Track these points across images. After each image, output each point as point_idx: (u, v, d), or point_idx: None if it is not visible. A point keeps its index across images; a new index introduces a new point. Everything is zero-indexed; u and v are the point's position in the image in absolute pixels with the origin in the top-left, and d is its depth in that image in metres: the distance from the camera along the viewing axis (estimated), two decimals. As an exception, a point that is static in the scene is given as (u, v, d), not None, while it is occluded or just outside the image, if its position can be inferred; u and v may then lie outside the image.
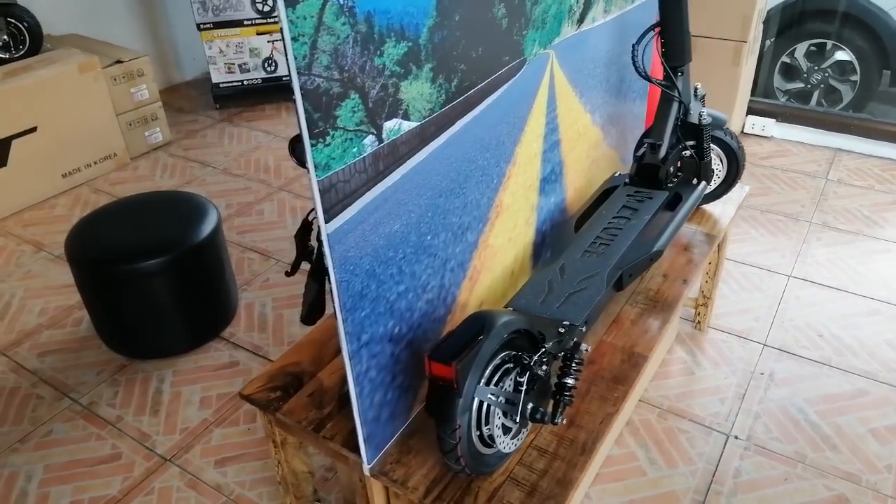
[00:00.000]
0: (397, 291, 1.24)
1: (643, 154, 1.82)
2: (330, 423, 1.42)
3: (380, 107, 1.06)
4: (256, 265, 2.84)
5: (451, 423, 1.15)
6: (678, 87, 1.78)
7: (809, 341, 2.37)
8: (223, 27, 4.04)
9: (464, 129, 1.30)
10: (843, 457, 1.97)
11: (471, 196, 1.39)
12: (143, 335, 2.34)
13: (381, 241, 1.16)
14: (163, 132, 3.82)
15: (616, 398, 1.46)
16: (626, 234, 1.61)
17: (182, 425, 2.14)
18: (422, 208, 1.24)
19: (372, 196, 1.10)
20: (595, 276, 1.49)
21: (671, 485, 1.91)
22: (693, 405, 2.15)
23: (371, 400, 1.26)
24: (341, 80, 0.97)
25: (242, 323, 2.53)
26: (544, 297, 1.45)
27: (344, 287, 1.10)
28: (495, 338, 1.18)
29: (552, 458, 1.34)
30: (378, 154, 1.09)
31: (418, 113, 1.16)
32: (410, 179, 1.19)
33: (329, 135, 0.98)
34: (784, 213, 3.07)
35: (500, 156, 1.46)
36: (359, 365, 1.20)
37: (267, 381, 1.53)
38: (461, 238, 1.41)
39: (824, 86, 4.15)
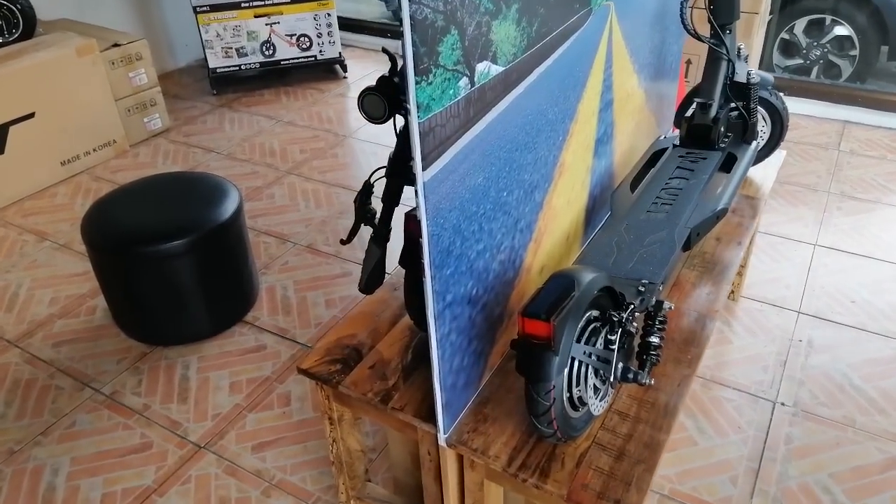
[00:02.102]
0: (476, 250, 1.18)
1: (693, 114, 1.77)
2: (397, 394, 1.35)
3: (474, 46, 1.00)
4: (273, 249, 2.75)
5: (546, 384, 1.09)
6: (727, 46, 1.74)
7: (843, 307, 2.36)
8: (220, 10, 3.93)
9: (539, 79, 1.24)
10: (892, 419, 1.95)
11: (541, 152, 1.34)
12: (165, 321, 2.25)
13: (467, 194, 1.09)
14: (162, 118, 3.70)
15: (690, 360, 1.41)
16: (688, 194, 1.57)
17: (214, 411, 2.05)
18: (501, 161, 1.18)
19: (462, 144, 1.04)
20: (664, 235, 1.44)
21: (724, 453, 1.87)
22: (736, 374, 2.12)
23: (450, 365, 1.20)
24: (445, 13, 0.90)
25: (265, 307, 2.45)
26: (614, 258, 1.40)
27: (434, 241, 1.04)
28: (587, 294, 1.12)
29: (635, 422, 1.29)
30: (470, 98, 1.02)
31: (504, 57, 1.09)
32: (494, 129, 1.12)
33: (431, 72, 0.91)
34: (802, 184, 3.06)
35: (565, 111, 1.40)
36: (443, 326, 1.14)
37: (324, 355, 1.45)
38: (530, 197, 1.35)
39: (823, 61, 4.15)
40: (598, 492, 1.16)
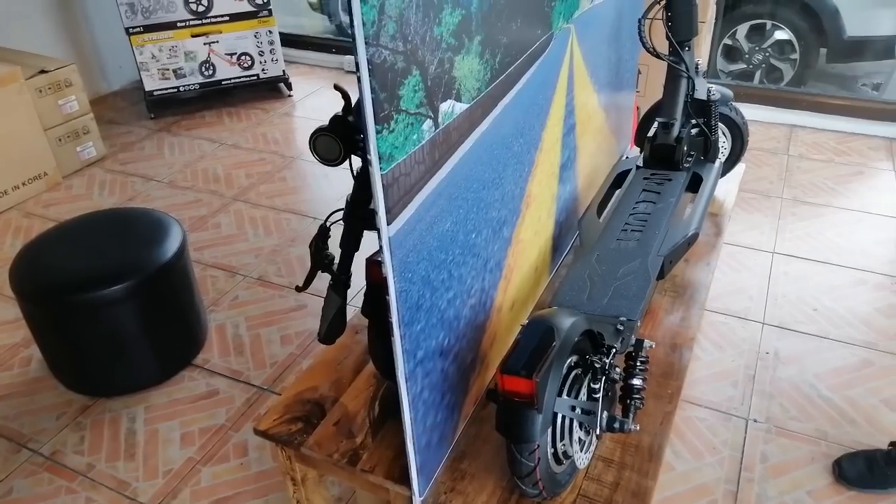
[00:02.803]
0: (447, 299, 1.10)
1: (655, 134, 1.73)
2: (366, 454, 1.25)
3: (437, 86, 0.92)
4: (222, 283, 2.61)
5: (529, 444, 1.01)
6: (686, 63, 1.70)
7: (805, 316, 2.36)
8: (154, 30, 3.75)
9: (504, 111, 1.17)
10: (863, 430, 1.94)
11: (507, 187, 1.26)
12: (107, 370, 2.09)
13: (434, 242, 1.01)
14: (96, 147, 3.50)
15: (671, 395, 1.36)
16: (657, 219, 1.52)
17: (165, 467, 1.91)
18: (469, 203, 1.10)
19: (429, 191, 0.95)
20: (637, 265, 1.39)
21: (701, 477, 1.83)
22: (706, 391, 2.08)
23: (424, 424, 1.11)
24: (405, 53, 0.82)
25: (216, 347, 2.31)
26: (588, 293, 1.33)
27: (403, 298, 0.95)
28: (567, 342, 1.05)
29: (620, 468, 1.22)
30: (435, 141, 0.94)
31: (469, 93, 1.01)
32: (460, 170, 1.04)
33: (393, 119, 0.82)
34: (755, 191, 3.08)
35: (531, 141, 1.33)
36: (414, 386, 1.05)
37: (284, 412, 1.34)
38: (499, 234, 1.27)
39: (765, 65, 4.23)
40: (588, 552, 1.08)
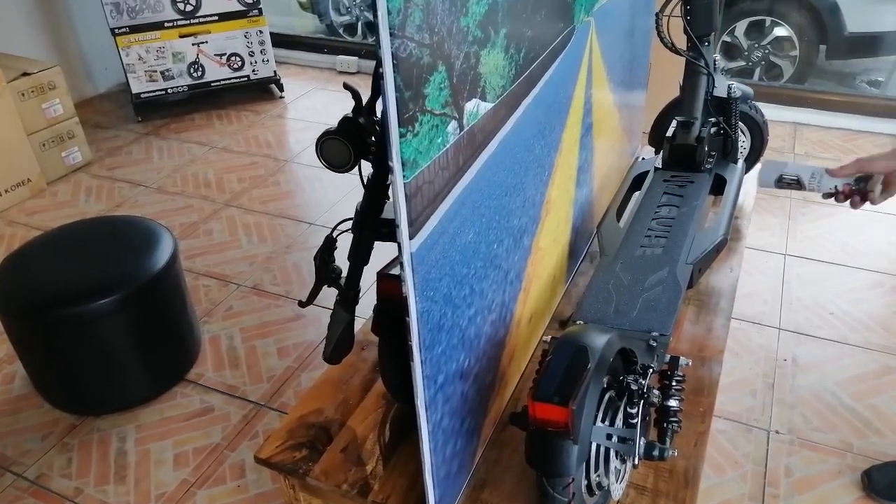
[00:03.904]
0: (468, 316, 1.00)
1: (674, 134, 1.64)
2: (377, 484, 1.16)
3: (462, 83, 0.82)
4: (215, 293, 2.50)
5: (563, 478, 0.92)
6: (706, 59, 1.62)
7: (822, 320, 2.28)
8: (141, 31, 3.63)
9: (526, 111, 1.07)
10: (889, 440, 1.86)
11: (529, 192, 1.17)
12: (95, 388, 1.98)
13: (457, 256, 0.91)
14: (82, 151, 3.38)
15: (703, 413, 1.27)
16: (682, 224, 1.43)
17: (157, 491, 1.80)
18: (491, 211, 1.01)
19: (452, 199, 0.86)
20: (665, 275, 1.30)
21: (724, 493, 1.75)
22: (725, 401, 2.00)
23: (444, 454, 1.02)
24: (431, 46, 0.72)
25: (210, 361, 2.20)
26: (615, 305, 1.24)
27: (425, 319, 0.85)
28: (603, 364, 0.95)
29: (654, 496, 1.13)
30: (459, 145, 0.84)
31: (493, 91, 0.92)
32: (483, 176, 0.95)
33: (418, 120, 0.73)
34: (762, 191, 3.00)
35: (551, 143, 1.24)
36: (434, 414, 0.95)
37: (287, 438, 1.24)
38: (519, 244, 1.18)
39: (765, 62, 4.17)
40: (627, 592, 0.99)
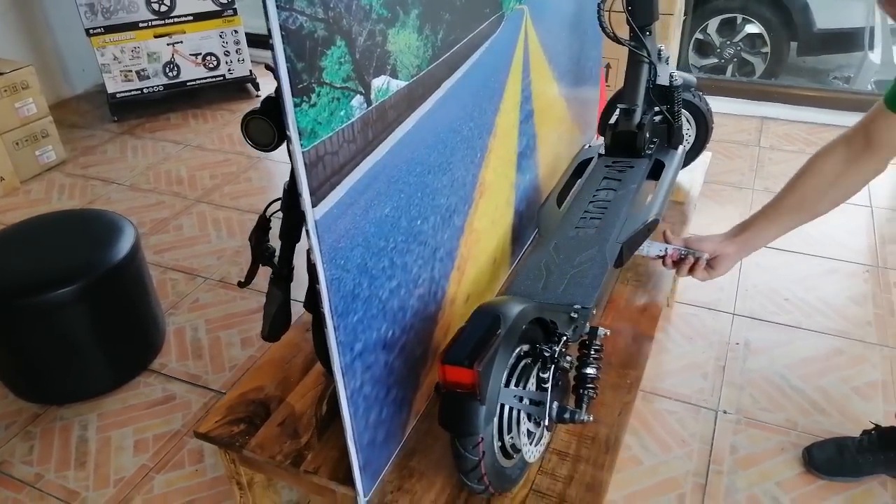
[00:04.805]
0: (389, 288, 1.05)
1: (617, 121, 1.69)
2: (310, 454, 1.20)
3: (367, 59, 0.87)
4: (182, 286, 2.54)
5: (473, 437, 0.96)
6: (647, 48, 1.67)
7: (777, 306, 2.34)
8: (116, 31, 3.66)
9: (449, 92, 1.12)
10: (834, 419, 1.91)
11: (457, 173, 1.21)
12: (58, 377, 2.01)
13: (372, 228, 0.96)
14: (56, 150, 3.41)
15: (630, 385, 1.32)
16: (617, 206, 1.48)
17: (116, 476, 1.83)
18: (412, 187, 1.05)
19: (361, 172, 0.90)
20: (594, 252, 1.34)
21: (669, 470, 1.79)
22: (676, 384, 2.05)
23: (366, 421, 1.06)
24: (326, 21, 0.77)
25: (173, 351, 2.24)
26: (544, 281, 1.29)
27: (335, 286, 0.89)
28: (514, 331, 1.00)
29: (575, 461, 1.17)
30: (367, 119, 0.89)
31: (406, 70, 0.96)
32: (400, 152, 0.99)
33: (314, 91, 0.77)
34: (727, 183, 3.06)
35: (482, 126, 1.28)
36: (353, 381, 0.99)
37: (226, 414, 1.28)
38: (449, 222, 1.22)
39: (737, 59, 4.23)
40: (541, 550, 1.03)
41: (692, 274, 1.36)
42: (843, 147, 1.26)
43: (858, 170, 1.25)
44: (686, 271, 1.37)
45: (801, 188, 1.31)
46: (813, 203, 1.30)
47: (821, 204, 1.30)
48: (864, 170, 1.25)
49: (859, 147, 1.23)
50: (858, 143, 1.23)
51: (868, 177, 1.26)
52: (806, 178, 1.30)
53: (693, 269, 1.36)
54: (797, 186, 1.31)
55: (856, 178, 1.26)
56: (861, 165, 1.24)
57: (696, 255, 1.35)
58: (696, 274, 1.36)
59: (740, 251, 1.37)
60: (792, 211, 1.33)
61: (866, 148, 1.22)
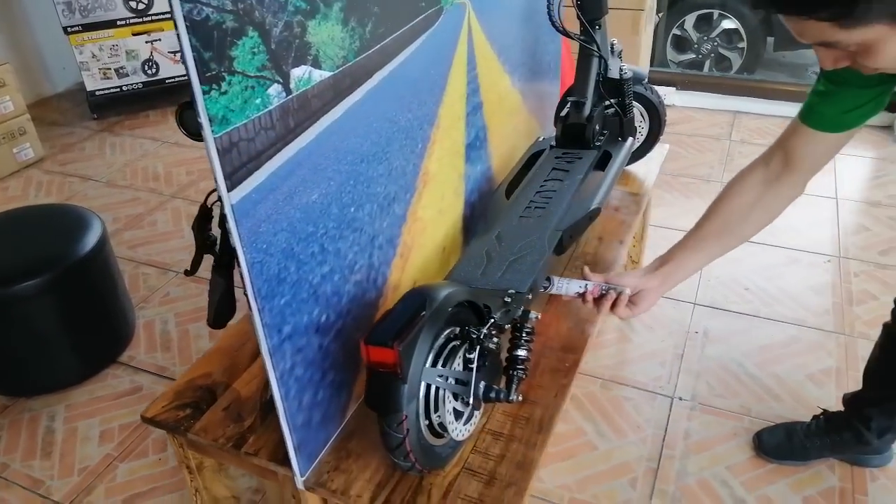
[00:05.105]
0: (321, 273, 1.08)
1: (567, 114, 1.72)
2: (252, 437, 1.23)
3: (284, 50, 0.90)
4: (153, 280, 2.57)
5: (396, 415, 1.00)
6: (597, 42, 1.70)
7: (737, 296, 2.38)
8: (94, 29, 3.68)
9: (382, 83, 1.15)
10: (787, 405, 1.95)
11: (395, 162, 1.24)
12: (26, 369, 2.04)
13: (297, 213, 0.99)
14: (34, 148, 3.43)
15: (568, 368, 1.35)
16: (561, 196, 1.51)
17: (81, 465, 1.86)
18: (342, 175, 1.08)
19: (283, 159, 0.93)
20: (534, 240, 1.38)
21: (623, 455, 1.83)
22: (634, 371, 2.09)
23: (299, 402, 1.09)
24: (236, 12, 0.80)
25: (142, 344, 2.27)
26: (484, 268, 1.32)
27: (257, 269, 0.93)
28: (439, 313, 1.03)
29: (508, 441, 1.21)
30: (287, 107, 0.92)
31: (330, 61, 1.00)
32: (327, 140, 1.02)
33: (225, 80, 0.80)
34: (695, 176, 3.10)
35: (422, 117, 1.32)
36: (282, 362, 1.02)
37: (173, 399, 1.32)
38: (388, 210, 1.25)
39: (714, 55, 4.27)
40: (467, 525, 1.07)
41: (614, 311, 1.28)
42: (761, 168, 1.22)
43: (778, 192, 1.21)
44: (608, 308, 1.28)
45: (721, 214, 1.25)
46: (735, 228, 1.25)
47: (743, 229, 1.25)
48: (783, 192, 1.21)
49: (778, 167, 1.19)
50: (777, 164, 1.20)
51: (789, 198, 1.22)
52: (726, 202, 1.25)
53: (615, 306, 1.27)
54: (718, 212, 1.26)
55: (776, 200, 1.22)
56: (780, 187, 1.20)
57: (617, 291, 1.27)
58: (617, 311, 1.27)
59: (663, 285, 1.30)
60: (713, 238, 1.27)
61: (785, 167, 1.18)
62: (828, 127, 1.14)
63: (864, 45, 0.84)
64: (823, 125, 1.14)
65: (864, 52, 0.85)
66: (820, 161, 1.18)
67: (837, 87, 1.10)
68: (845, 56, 0.89)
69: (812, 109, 1.14)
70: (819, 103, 1.13)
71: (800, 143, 1.16)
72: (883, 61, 0.86)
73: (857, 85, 1.08)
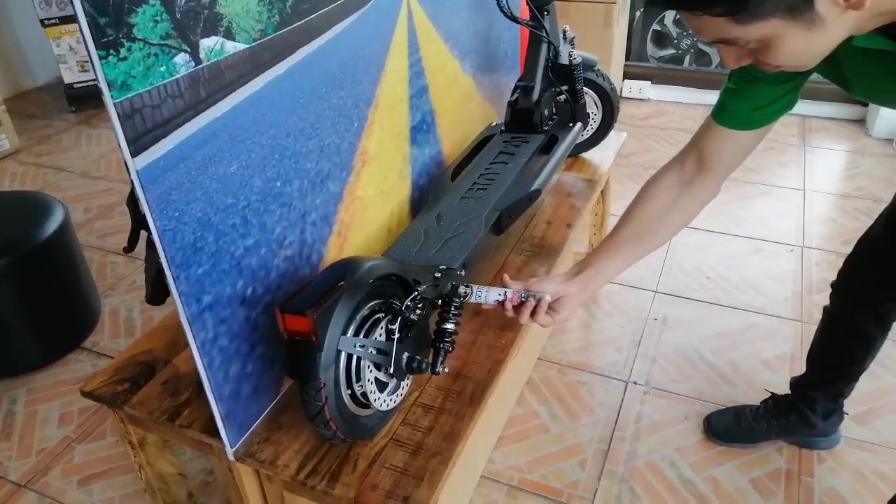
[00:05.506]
0: (244, 246, 1.10)
1: (516, 99, 1.74)
2: (187, 410, 1.25)
3: (191, 20, 0.92)
4: (121, 268, 2.58)
5: (314, 383, 1.02)
6: (545, 28, 1.72)
7: (698, 284, 2.40)
8: (71, 22, 3.70)
9: (308, 60, 1.17)
10: (739, 389, 1.97)
11: (328, 139, 1.26)
12: (-13, 353, 2.06)
13: (214, 184, 1.00)
14: (10, 139, 3.45)
15: (504, 345, 1.37)
16: (504, 178, 1.53)
17: (39, 446, 1.88)
18: (265, 148, 1.10)
19: (195, 128, 0.95)
20: (472, 219, 1.40)
21: (575, 437, 1.85)
22: (592, 357, 2.10)
23: (226, 372, 1.11)
24: (130, -21, 0.82)
25: (107, 330, 2.28)
26: (420, 246, 1.34)
27: (169, 237, 0.94)
28: (359, 283, 1.05)
29: (438, 414, 1.23)
30: (197, 77, 0.94)
31: (245, 33, 1.01)
32: (245, 112, 1.04)
33: (124, 46, 0.82)
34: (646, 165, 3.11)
35: (357, 96, 1.33)
36: (203, 331, 1.04)
37: (113, 374, 1.33)
38: (321, 187, 1.27)
39: (694, 50, 4.29)
40: (387, 491, 1.09)
41: (534, 318, 1.21)
42: (675, 170, 1.20)
43: (693, 195, 1.19)
44: (528, 316, 1.22)
45: (637, 218, 1.23)
46: (650, 232, 1.23)
47: (659, 233, 1.23)
48: (698, 195, 1.19)
49: (692, 169, 1.18)
50: (691, 165, 1.18)
51: (703, 201, 1.21)
52: (641, 207, 1.23)
53: (535, 313, 1.21)
54: (633, 217, 1.23)
55: (691, 203, 1.20)
56: (695, 189, 1.18)
57: (536, 298, 1.21)
58: (538, 318, 1.21)
59: (583, 291, 1.25)
60: (630, 243, 1.24)
61: (699, 170, 1.17)
62: (739, 125, 1.12)
63: (762, 42, 0.81)
64: (735, 123, 1.12)
65: (763, 48, 0.83)
66: (734, 160, 1.16)
67: (748, 83, 1.07)
68: (746, 54, 0.87)
69: (724, 107, 1.12)
70: (730, 101, 1.11)
71: (712, 143, 1.15)
72: (783, 58, 0.84)
73: (767, 82, 1.06)
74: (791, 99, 1.10)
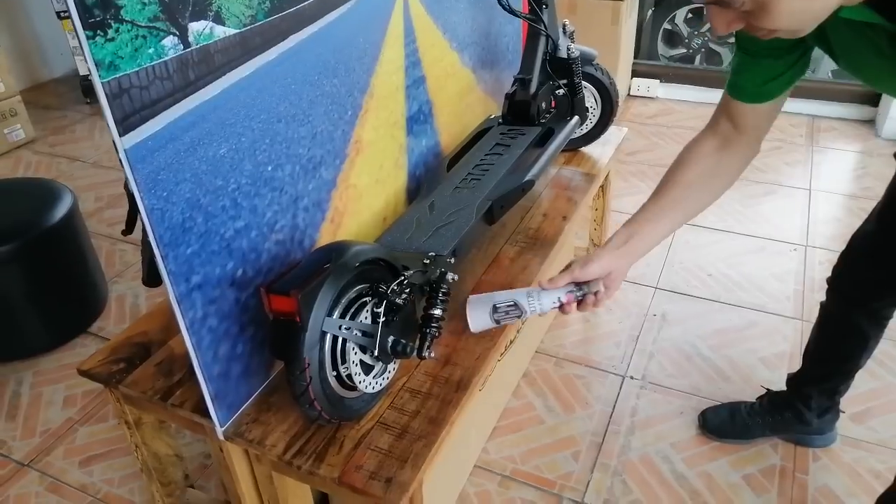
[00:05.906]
0: (234, 228, 1.12)
1: (514, 91, 1.75)
2: (179, 391, 1.27)
3: (180, 3, 0.94)
4: (129, 256, 2.62)
5: (298, 363, 1.03)
6: (544, 21, 1.73)
7: (699, 281, 2.39)
8: (86, 14, 3.75)
9: (301, 46, 1.19)
10: (736, 385, 1.97)
11: (320, 126, 1.28)
12: (-5, 336, 2.10)
13: (203, 165, 1.03)
14: (25, 129, 3.51)
15: (494, 333, 1.38)
16: (498, 169, 1.54)
17: (42, 427, 1.92)
18: (255, 133, 1.12)
19: (183, 110, 0.97)
20: (464, 209, 1.41)
21: (569, 430, 1.85)
22: (589, 351, 2.11)
23: (215, 352, 1.13)
24: (119, -38, 0.84)
25: (113, 315, 2.32)
26: (412, 233, 1.36)
27: (157, 216, 0.96)
28: (344, 267, 1.07)
29: (425, 398, 1.24)
30: (185, 60, 0.96)
31: (235, 18, 1.04)
32: (235, 97, 1.06)
33: (111, 27, 0.84)
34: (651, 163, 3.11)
35: (351, 84, 1.35)
36: (192, 310, 1.07)
37: (109, 354, 1.36)
38: (314, 174, 1.29)
39: (705, 49, 4.27)
40: (371, 472, 1.10)
41: (597, 307, 1.19)
42: (710, 136, 1.19)
43: (733, 153, 1.17)
44: (591, 307, 1.19)
45: (680, 183, 1.19)
46: (695, 196, 1.20)
47: (704, 196, 1.20)
48: (740, 152, 1.17)
49: (728, 132, 1.16)
50: (726, 129, 1.17)
51: (746, 158, 1.19)
52: (682, 171, 1.20)
53: (597, 303, 1.18)
54: (676, 182, 1.20)
55: (735, 163, 1.18)
56: (734, 148, 1.17)
57: (592, 291, 1.16)
58: (599, 305, 1.19)
59: (630, 261, 1.21)
60: (675, 207, 1.20)
61: (734, 131, 1.16)
62: (750, 99, 1.11)
63: (757, 2, 0.78)
64: (747, 97, 1.12)
65: (758, 9, 0.80)
66: (762, 125, 1.16)
67: (752, 57, 1.07)
68: (738, 17, 0.83)
69: (735, 83, 1.13)
70: (738, 77, 1.11)
71: (738, 113, 1.14)
72: (779, 19, 0.80)
73: (769, 55, 1.05)
74: (799, 69, 1.08)
